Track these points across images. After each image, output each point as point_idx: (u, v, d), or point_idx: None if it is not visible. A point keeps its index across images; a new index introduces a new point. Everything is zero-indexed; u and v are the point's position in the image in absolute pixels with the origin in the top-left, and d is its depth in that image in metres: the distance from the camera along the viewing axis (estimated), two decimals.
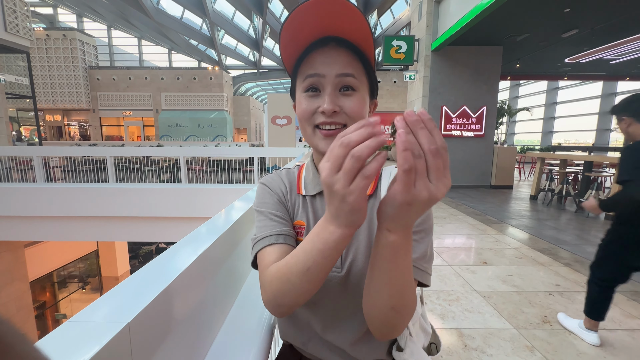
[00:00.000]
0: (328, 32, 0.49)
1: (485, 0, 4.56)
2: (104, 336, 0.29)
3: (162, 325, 0.42)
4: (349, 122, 0.50)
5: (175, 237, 6.34)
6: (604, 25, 5.52)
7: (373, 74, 0.54)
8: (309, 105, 0.51)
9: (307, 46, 0.51)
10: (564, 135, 16.45)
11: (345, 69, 0.49)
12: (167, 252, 0.57)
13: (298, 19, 0.47)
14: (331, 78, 0.49)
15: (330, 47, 0.50)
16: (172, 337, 0.45)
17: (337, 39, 0.50)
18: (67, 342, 0.29)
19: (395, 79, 20.76)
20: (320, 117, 0.50)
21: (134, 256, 14.14)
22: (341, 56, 0.50)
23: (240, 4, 17.63)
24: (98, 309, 0.35)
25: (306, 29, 0.48)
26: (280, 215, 0.55)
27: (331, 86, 0.50)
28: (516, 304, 2.16)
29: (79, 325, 0.31)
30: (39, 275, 8.76)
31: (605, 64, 8.47)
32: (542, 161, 5.95)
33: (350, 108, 0.50)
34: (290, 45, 0.50)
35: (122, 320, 0.32)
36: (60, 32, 18.74)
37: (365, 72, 0.52)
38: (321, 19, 0.47)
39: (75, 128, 20.77)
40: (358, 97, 0.51)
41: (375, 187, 0.55)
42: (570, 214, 4.77)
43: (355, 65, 0.51)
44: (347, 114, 0.50)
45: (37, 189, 5.57)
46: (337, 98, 0.50)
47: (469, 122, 6.81)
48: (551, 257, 2.99)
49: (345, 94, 0.50)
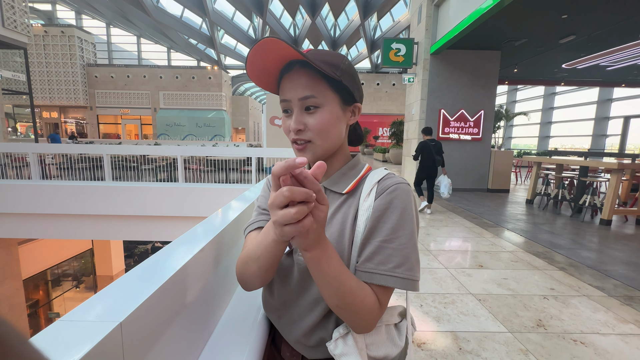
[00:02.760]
0: (288, 58, 0.54)
1: (484, 5, 4.60)
2: (95, 336, 0.29)
3: (155, 325, 0.41)
4: (314, 137, 0.57)
5: (171, 236, 6.31)
6: (601, 32, 5.59)
7: (342, 84, 0.57)
8: (285, 125, 0.59)
9: (277, 73, 0.58)
10: (561, 140, 16.60)
11: (304, 92, 0.55)
12: (162, 251, 0.57)
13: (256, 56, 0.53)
14: (295, 101, 0.56)
15: (293, 71, 0.56)
16: (165, 337, 0.45)
17: (300, 62, 0.55)
18: (58, 342, 0.29)
19: (394, 82, 20.84)
20: (292, 134, 0.57)
21: (129, 255, 14.06)
22: (301, 79, 0.55)
23: (240, 4, 17.63)
24: (90, 308, 0.34)
25: (259, 68, 0.55)
26: (267, 208, 0.64)
27: (297, 108, 0.56)
28: (511, 307, 2.16)
29: (70, 324, 0.31)
30: (32, 273, 8.68)
31: (602, 71, 8.56)
32: (538, 165, 5.99)
33: (313, 125, 0.56)
34: (263, 76, 0.57)
35: (114, 320, 0.31)
36: (59, 28, 18.62)
37: (330, 86, 0.56)
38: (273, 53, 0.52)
39: (72, 125, 20.62)
40: (321, 112, 0.56)
41: (355, 186, 0.60)
42: (565, 219, 4.80)
43: (315, 84, 0.55)
44: (311, 130, 0.56)
45: (33, 186, 5.53)
46: (303, 117, 0.56)
47: (466, 125, 6.85)
48: (546, 261, 3.01)
49: (309, 112, 0.56)
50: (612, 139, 13.65)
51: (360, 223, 0.55)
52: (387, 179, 0.58)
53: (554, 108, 16.24)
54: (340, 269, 0.48)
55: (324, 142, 0.58)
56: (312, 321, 0.58)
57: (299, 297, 0.59)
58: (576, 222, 4.57)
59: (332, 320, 0.58)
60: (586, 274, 2.74)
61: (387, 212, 0.54)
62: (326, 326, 0.58)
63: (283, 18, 20.29)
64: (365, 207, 0.56)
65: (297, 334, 0.60)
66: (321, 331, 0.58)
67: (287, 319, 0.62)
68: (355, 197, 0.59)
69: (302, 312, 0.59)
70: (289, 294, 0.60)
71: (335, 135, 0.59)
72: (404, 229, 0.53)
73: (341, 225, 0.57)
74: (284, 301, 0.61)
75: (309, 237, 0.42)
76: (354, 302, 0.49)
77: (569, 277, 2.67)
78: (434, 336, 1.83)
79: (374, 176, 0.59)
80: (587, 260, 3.04)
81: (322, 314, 0.57)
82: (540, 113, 16.72)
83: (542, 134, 16.77)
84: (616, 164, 4.22)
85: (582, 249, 3.39)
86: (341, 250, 0.56)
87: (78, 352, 0.27)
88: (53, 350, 0.27)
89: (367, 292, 0.51)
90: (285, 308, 0.62)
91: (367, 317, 0.51)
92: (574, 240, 3.70)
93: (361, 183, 0.61)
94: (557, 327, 1.93)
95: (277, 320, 0.64)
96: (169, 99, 20.15)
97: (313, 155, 0.58)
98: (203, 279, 0.60)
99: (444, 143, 6.53)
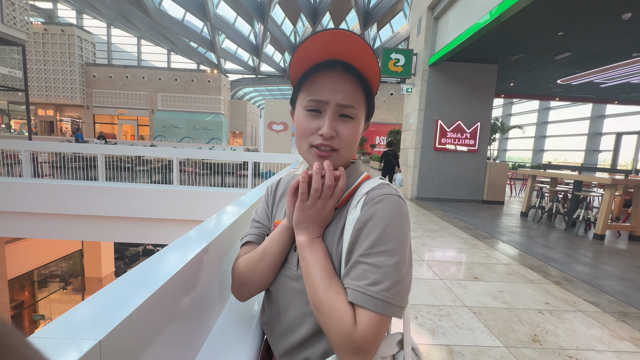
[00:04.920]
0: (336, 55, 0.53)
1: (481, 20, 4.68)
2: (69, 356, 0.26)
3: (140, 341, 0.38)
4: (341, 147, 0.55)
5: (164, 239, 6.21)
6: (595, 49, 5.72)
7: (372, 101, 0.59)
8: (309, 124, 0.55)
9: (313, 65, 0.55)
10: (554, 154, 16.82)
11: (347, 99, 0.54)
12: (153, 257, 0.54)
13: (313, 40, 0.51)
14: (333, 105, 0.53)
15: (336, 72, 0.54)
16: (150, 353, 0.41)
17: (345, 64, 0.54)
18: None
19: (392, 91, 21.06)
20: (318, 138, 0.54)
21: (119, 257, 13.79)
22: (345, 84, 0.54)
23: (242, 10, 17.79)
24: (68, 322, 0.31)
25: (317, 51, 0.52)
26: (260, 220, 0.68)
27: (332, 112, 0.54)
28: (506, 321, 2.14)
29: (43, 342, 0.28)
30: (18, 273, 8.46)
31: (595, 87, 8.74)
32: (533, 178, 6.04)
33: (345, 135, 0.55)
34: (299, 63, 0.55)
35: (93, 337, 0.28)
36: (59, 27, 18.59)
37: (365, 100, 0.57)
38: (332, 44, 0.51)
39: (68, 124, 20.42)
40: (354, 124, 0.55)
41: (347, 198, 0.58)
42: (559, 232, 4.82)
43: (356, 95, 0.55)
44: (342, 140, 0.55)
45: (23, 184, 5.42)
46: (336, 123, 0.54)
47: (463, 136, 6.91)
48: (541, 275, 3.00)
49: (344, 120, 0.55)
50: (605, 155, 13.86)
51: (345, 237, 0.52)
52: (376, 189, 0.54)
53: (548, 122, 16.50)
54: (320, 264, 0.51)
55: (348, 153, 0.57)
56: (299, 337, 0.55)
57: (287, 310, 0.58)
58: (570, 236, 4.59)
59: (319, 342, 0.54)
60: (581, 288, 2.73)
61: (369, 224, 0.49)
62: (312, 346, 0.55)
63: (284, 25, 20.49)
64: (351, 220, 0.52)
65: (284, 348, 0.58)
66: (306, 351, 0.55)
67: (277, 333, 0.60)
68: (344, 209, 0.57)
69: (290, 327, 0.57)
70: (281, 307, 0.59)
71: (355, 149, 0.58)
72: (385, 244, 0.48)
73: (331, 239, 0.55)
74: (277, 313, 0.60)
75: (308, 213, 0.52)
76: (323, 303, 0.48)
77: (563, 291, 2.65)
78: (428, 349, 1.80)
79: (365, 186, 0.56)
80: (581, 275, 3.04)
81: (309, 332, 0.54)
82: (535, 127, 16.97)
83: (536, 148, 16.99)
84: (610, 179, 4.26)
85: (577, 263, 3.39)
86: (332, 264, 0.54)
87: None
88: None
89: (339, 298, 0.47)
90: (276, 321, 0.60)
91: (336, 328, 0.45)
92: (568, 254, 3.70)
93: (354, 194, 0.58)
94: (553, 343, 1.91)
95: (270, 333, 0.63)
96: (167, 100, 20.10)
97: (334, 165, 0.56)
98: (195, 288, 0.57)
99: (441, 153, 6.91)
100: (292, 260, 0.58)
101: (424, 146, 6.92)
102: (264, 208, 0.69)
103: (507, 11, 4.12)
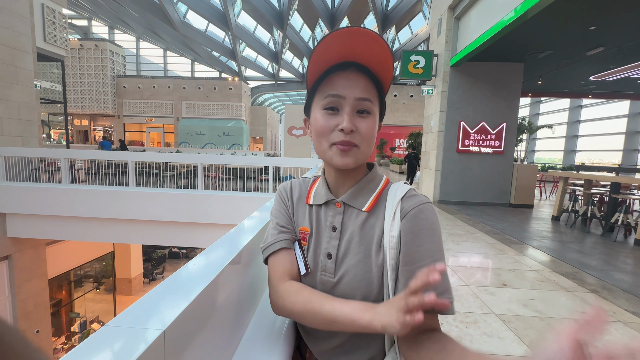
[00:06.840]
0: (348, 57, 0.54)
1: (506, 18, 4.54)
2: (141, 342, 0.29)
3: (191, 331, 0.42)
4: (361, 143, 0.55)
5: (189, 242, 6.43)
6: (632, 43, 5.37)
7: (384, 99, 0.60)
8: (327, 122, 0.55)
9: (328, 67, 0.56)
10: (588, 155, 15.86)
11: (363, 93, 0.55)
12: (197, 257, 0.57)
13: (327, 43, 0.52)
14: (350, 100, 0.54)
15: (350, 72, 0.55)
16: (199, 342, 0.45)
17: (357, 65, 0.55)
18: (108, 346, 0.29)
19: (411, 93, 20.76)
20: (338, 135, 0.55)
21: (147, 259, 14.39)
22: (360, 81, 0.55)
23: (261, 19, 18.24)
24: (133, 315, 0.35)
25: (330, 53, 0.53)
26: (285, 225, 0.64)
27: (350, 107, 0.54)
28: (539, 330, 2.04)
29: (117, 330, 0.32)
30: (57, 273, 9.03)
31: (633, 83, 8.19)
32: (565, 181, 5.73)
33: (364, 130, 0.55)
34: (315, 65, 0.55)
35: (159, 327, 0.32)
36: (93, 42, 19.90)
37: (379, 97, 0.58)
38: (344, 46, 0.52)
39: (100, 132, 21.70)
40: (372, 119, 0.56)
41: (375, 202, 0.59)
42: (596, 237, 4.54)
43: (371, 90, 0.56)
44: (361, 135, 0.55)
45: (63, 189, 5.81)
46: (354, 118, 0.55)
47: (487, 138, 6.69)
48: (576, 282, 2.84)
49: (362, 116, 0.55)
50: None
51: (389, 248, 0.54)
52: (409, 198, 0.56)
53: (581, 121, 15.61)
54: None
55: (367, 149, 0.57)
56: (337, 342, 0.59)
57: None
58: (608, 242, 4.31)
59: (361, 349, 0.58)
60: (621, 298, 2.56)
61: (421, 235, 0.53)
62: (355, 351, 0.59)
63: (302, 31, 20.80)
64: (392, 230, 0.54)
65: (322, 348, 0.62)
66: (348, 355, 0.59)
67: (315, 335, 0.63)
68: (378, 218, 0.57)
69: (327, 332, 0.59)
70: None
71: (373, 145, 0.59)
72: (437, 253, 0.52)
73: (366, 247, 0.56)
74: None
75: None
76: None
77: (601, 300, 2.50)
78: None
79: (396, 193, 0.57)
80: (621, 283, 2.85)
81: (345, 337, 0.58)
82: (566, 126, 16.11)
83: (567, 148, 16.11)
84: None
85: (616, 271, 3.18)
86: (367, 271, 0.55)
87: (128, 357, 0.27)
88: (104, 354, 0.28)
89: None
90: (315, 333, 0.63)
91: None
92: (606, 261, 3.48)
93: (381, 199, 0.59)
94: None
95: (306, 335, 0.65)
96: (191, 108, 20.92)
97: (355, 161, 0.56)
98: (234, 286, 0.61)
99: (464, 155, 6.75)
100: (330, 267, 0.58)
101: (446, 148, 6.76)
102: (284, 213, 0.65)
103: (533, 8, 3.97)
